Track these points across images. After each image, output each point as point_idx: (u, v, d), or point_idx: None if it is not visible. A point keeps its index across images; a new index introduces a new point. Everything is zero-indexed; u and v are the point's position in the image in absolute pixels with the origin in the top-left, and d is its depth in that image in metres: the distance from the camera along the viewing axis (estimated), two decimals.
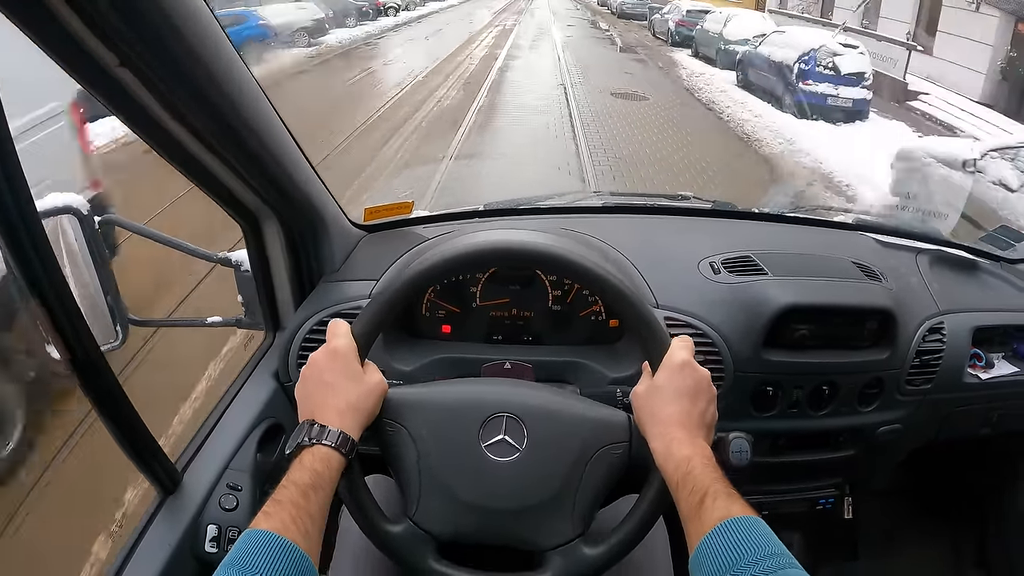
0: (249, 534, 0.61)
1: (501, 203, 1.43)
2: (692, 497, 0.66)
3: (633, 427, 0.79)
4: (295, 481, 0.66)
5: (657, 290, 1.11)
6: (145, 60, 0.64)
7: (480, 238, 0.83)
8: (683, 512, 0.67)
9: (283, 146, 0.94)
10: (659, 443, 0.73)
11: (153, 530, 0.89)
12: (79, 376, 0.72)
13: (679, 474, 0.69)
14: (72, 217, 0.89)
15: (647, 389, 0.78)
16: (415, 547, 0.77)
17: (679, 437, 0.72)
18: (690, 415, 0.75)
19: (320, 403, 0.74)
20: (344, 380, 0.75)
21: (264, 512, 0.63)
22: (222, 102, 0.77)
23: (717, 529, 0.62)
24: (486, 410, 0.79)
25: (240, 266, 1.11)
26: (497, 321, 1.16)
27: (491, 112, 8.44)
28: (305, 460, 0.69)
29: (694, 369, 0.77)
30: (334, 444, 0.70)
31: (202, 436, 1.02)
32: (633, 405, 0.80)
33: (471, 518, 0.77)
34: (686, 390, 0.75)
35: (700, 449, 0.72)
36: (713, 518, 0.63)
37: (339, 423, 0.72)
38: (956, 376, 1.20)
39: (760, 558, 0.58)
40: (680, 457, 0.70)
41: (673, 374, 0.76)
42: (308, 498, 0.65)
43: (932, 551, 1.61)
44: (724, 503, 0.64)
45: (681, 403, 0.75)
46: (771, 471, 1.18)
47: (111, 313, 0.95)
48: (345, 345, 0.76)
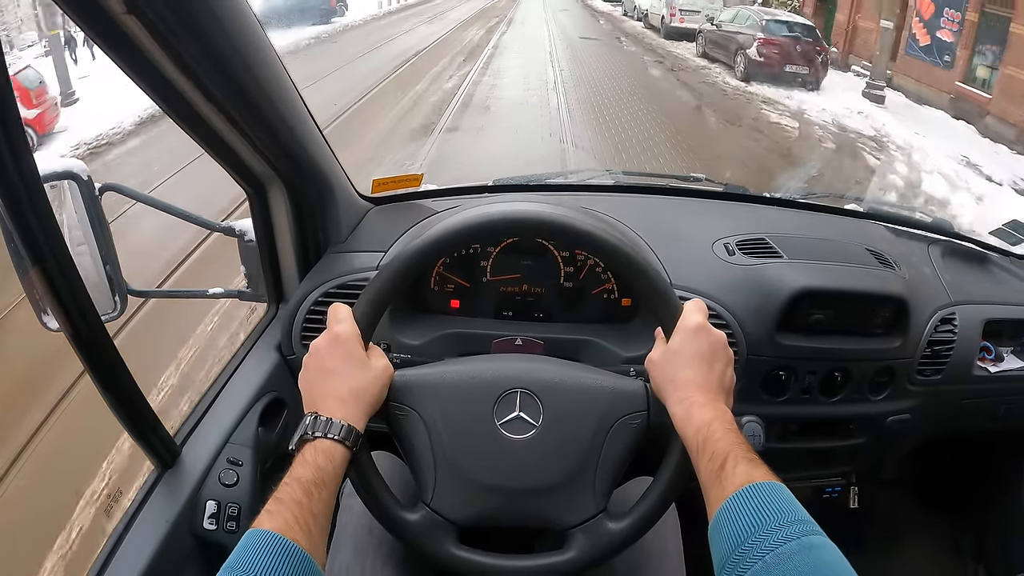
0: (251, 535, 0.59)
1: (511, 179, 1.40)
2: (712, 462, 0.64)
3: (651, 395, 0.77)
4: (297, 478, 0.64)
5: (671, 269, 1.08)
6: (153, 8, 0.61)
7: (490, 208, 0.80)
8: (703, 477, 0.66)
9: (295, 111, 0.90)
10: (679, 408, 0.71)
11: (150, 505, 0.86)
12: (78, 347, 0.69)
13: (699, 438, 0.67)
14: (72, 182, 0.85)
15: (663, 354, 0.76)
16: (434, 534, 0.75)
17: (699, 400, 0.71)
18: (708, 378, 0.73)
19: (323, 392, 0.71)
20: (347, 367, 0.72)
21: (267, 511, 0.61)
22: (235, 59, 0.74)
23: (738, 494, 0.60)
24: (499, 387, 0.76)
25: (244, 236, 1.08)
26: (507, 297, 1.14)
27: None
28: (308, 455, 0.66)
29: (709, 332, 0.75)
30: (337, 437, 0.67)
31: (202, 409, 0.99)
32: (649, 372, 0.78)
33: (491, 500, 0.75)
34: (703, 353, 0.74)
35: (721, 413, 0.70)
36: (734, 483, 0.61)
37: (342, 413, 0.69)
38: (966, 368, 1.19)
39: (783, 524, 0.57)
40: (700, 421, 0.68)
41: (688, 337, 0.74)
42: (311, 496, 0.63)
43: (934, 543, 1.63)
44: (746, 467, 0.62)
45: (699, 367, 0.73)
46: (779, 457, 1.16)
47: (109, 283, 0.91)
48: (347, 330, 0.73)
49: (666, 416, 0.74)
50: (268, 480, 0.96)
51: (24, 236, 0.59)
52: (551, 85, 9.64)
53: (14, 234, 0.60)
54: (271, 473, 0.99)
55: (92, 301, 0.69)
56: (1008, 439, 1.44)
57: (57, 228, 0.63)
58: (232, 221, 1.09)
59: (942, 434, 1.29)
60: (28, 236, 0.60)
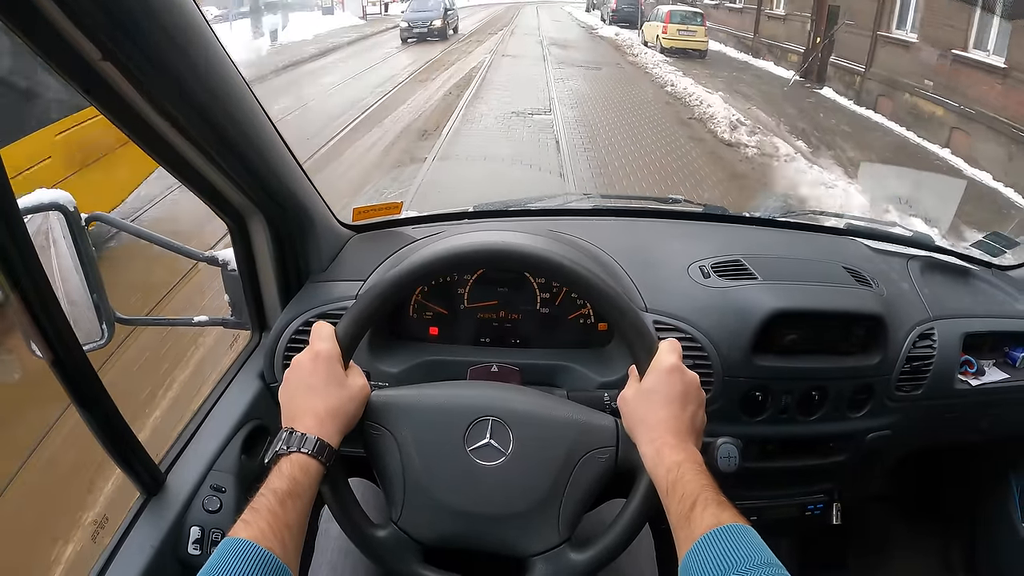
0: (227, 543, 0.61)
1: (490, 205, 1.42)
2: (682, 503, 0.66)
3: (620, 432, 0.78)
4: (273, 489, 0.66)
5: (646, 293, 1.10)
6: (128, 54, 0.64)
7: (467, 239, 0.82)
8: (672, 518, 0.67)
9: (269, 143, 0.93)
10: (649, 448, 0.73)
11: (135, 531, 0.88)
12: (60, 375, 0.71)
13: (669, 479, 0.68)
14: (58, 213, 0.88)
15: (635, 393, 0.77)
16: (400, 552, 0.76)
17: (669, 442, 0.72)
18: (680, 420, 0.74)
19: (301, 408, 0.73)
20: (326, 385, 0.74)
21: (243, 520, 0.63)
22: (207, 97, 0.77)
23: (707, 536, 0.61)
24: (471, 413, 0.78)
25: (227, 265, 1.10)
26: (485, 323, 1.16)
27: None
28: (283, 468, 0.68)
29: (683, 373, 0.76)
30: (311, 452, 0.69)
31: (186, 436, 1.01)
32: (621, 410, 0.79)
33: (456, 523, 0.76)
34: (675, 395, 0.75)
35: (690, 454, 0.71)
36: (703, 525, 0.62)
37: (318, 430, 0.71)
38: (947, 382, 1.19)
39: (751, 567, 0.57)
40: (670, 462, 0.70)
41: (661, 378, 0.76)
42: (285, 506, 0.65)
43: (920, 557, 1.61)
44: (714, 510, 0.63)
45: (671, 408, 0.74)
46: (760, 477, 1.18)
47: (96, 311, 0.94)
48: (328, 348, 0.76)
49: (635, 453, 0.75)
50: None
51: (3, 265, 0.61)
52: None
53: None
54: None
55: (73, 330, 0.71)
56: (993, 450, 1.44)
57: (36, 257, 0.64)
58: (215, 251, 1.11)
59: (926, 448, 1.29)
60: (8, 265, 0.62)
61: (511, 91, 10.81)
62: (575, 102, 10.15)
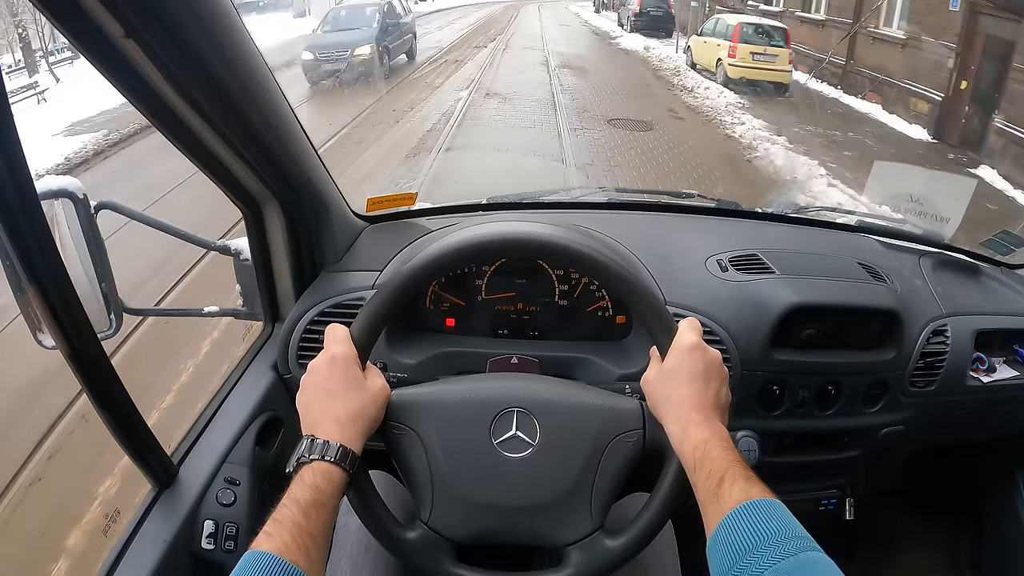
0: (249, 556, 0.59)
1: (505, 197, 1.41)
2: (710, 480, 0.65)
3: (647, 414, 0.78)
4: (296, 499, 0.64)
5: (665, 286, 1.09)
6: (152, 32, 0.62)
7: (484, 229, 0.81)
8: (700, 495, 0.66)
9: (290, 130, 0.91)
10: (675, 426, 0.72)
11: (148, 525, 0.86)
12: (75, 366, 0.69)
13: (696, 456, 0.68)
14: (67, 201, 0.86)
15: (658, 374, 0.77)
16: (432, 552, 0.75)
17: (695, 419, 0.71)
18: (704, 396, 0.74)
19: (321, 414, 0.71)
20: (344, 388, 0.72)
21: (265, 532, 0.61)
22: (230, 80, 0.75)
23: (736, 511, 0.61)
24: (496, 406, 0.77)
25: (239, 255, 1.09)
26: (502, 315, 1.14)
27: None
28: (305, 477, 0.66)
29: (704, 351, 0.76)
30: (334, 459, 0.68)
31: (199, 429, 0.99)
32: (644, 391, 0.79)
33: (488, 519, 0.75)
34: (698, 372, 0.74)
35: (717, 431, 0.70)
36: (732, 500, 0.62)
37: (340, 435, 0.69)
38: (959, 379, 1.20)
39: (780, 540, 0.57)
40: (697, 439, 0.69)
41: (683, 357, 0.75)
42: (309, 517, 0.63)
43: (928, 551, 1.63)
44: (743, 485, 0.63)
45: (694, 385, 0.74)
46: (776, 471, 1.17)
47: (105, 301, 0.92)
48: (344, 351, 0.74)
49: (662, 434, 0.74)
50: (266, 499, 0.96)
51: (21, 254, 0.60)
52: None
53: (11, 252, 0.60)
54: (269, 492, 0.98)
55: (89, 319, 0.70)
56: (1001, 448, 1.45)
57: (54, 246, 0.63)
58: (227, 240, 1.09)
59: (936, 444, 1.30)
60: (25, 254, 0.60)
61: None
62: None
